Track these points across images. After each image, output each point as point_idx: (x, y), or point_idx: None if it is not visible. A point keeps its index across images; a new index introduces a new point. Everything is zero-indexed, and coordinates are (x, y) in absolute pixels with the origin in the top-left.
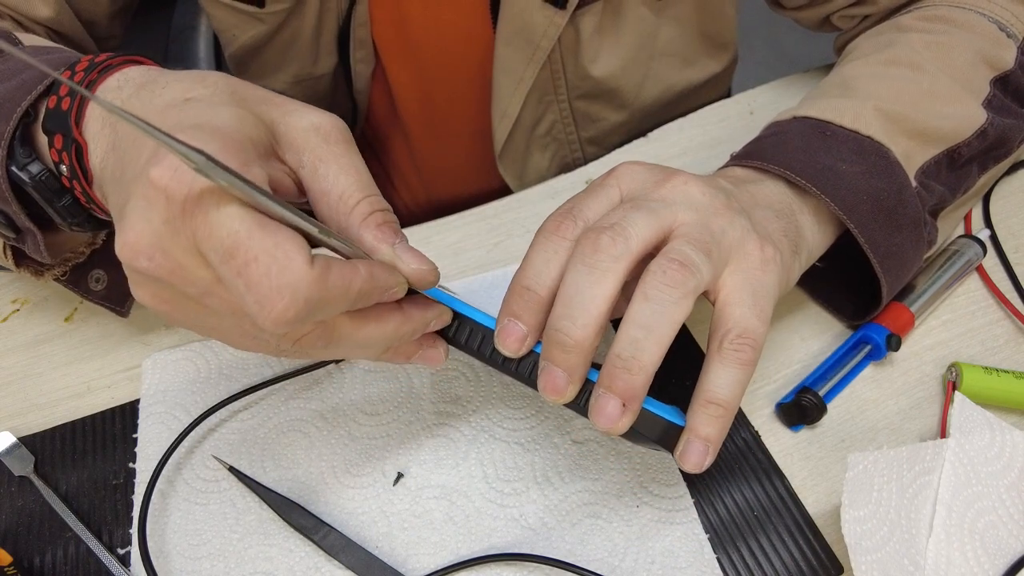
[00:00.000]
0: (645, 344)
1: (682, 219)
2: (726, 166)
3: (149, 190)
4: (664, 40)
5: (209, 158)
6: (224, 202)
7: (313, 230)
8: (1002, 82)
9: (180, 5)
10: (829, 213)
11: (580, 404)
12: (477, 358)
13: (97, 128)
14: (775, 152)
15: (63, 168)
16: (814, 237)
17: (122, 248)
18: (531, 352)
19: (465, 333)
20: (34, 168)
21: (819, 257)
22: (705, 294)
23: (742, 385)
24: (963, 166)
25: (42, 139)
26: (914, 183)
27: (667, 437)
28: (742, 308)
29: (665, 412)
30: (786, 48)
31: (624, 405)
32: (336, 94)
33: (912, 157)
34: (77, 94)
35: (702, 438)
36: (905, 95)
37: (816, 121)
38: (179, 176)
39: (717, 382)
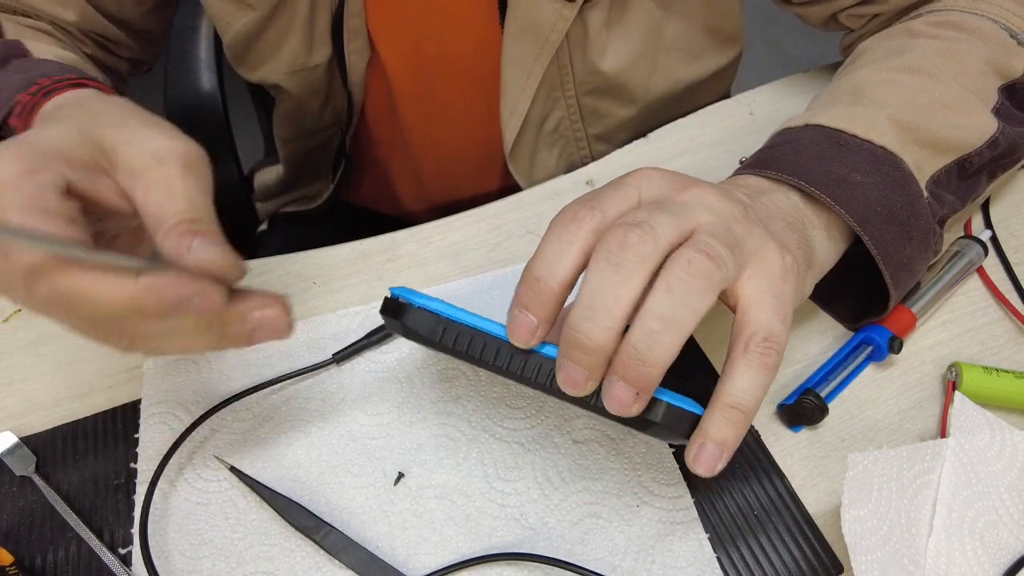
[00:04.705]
0: (662, 337)
1: (703, 220)
2: (737, 173)
3: None
4: (671, 35)
5: None
6: None
7: (58, 248)
8: (1009, 90)
9: (180, 6)
10: (839, 227)
11: (592, 402)
12: (478, 364)
13: None
14: (789, 162)
15: None
16: (824, 252)
17: None
18: (533, 353)
19: (455, 338)
20: None
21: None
22: (722, 297)
23: (764, 390)
24: (973, 175)
25: None
26: (925, 193)
27: (684, 426)
28: (767, 312)
29: (681, 402)
30: (786, 48)
31: (637, 394)
32: (332, 87)
33: (924, 166)
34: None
35: (718, 442)
36: (918, 104)
37: (829, 130)
38: None
39: (741, 385)
